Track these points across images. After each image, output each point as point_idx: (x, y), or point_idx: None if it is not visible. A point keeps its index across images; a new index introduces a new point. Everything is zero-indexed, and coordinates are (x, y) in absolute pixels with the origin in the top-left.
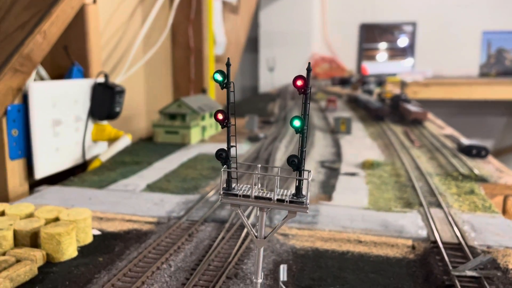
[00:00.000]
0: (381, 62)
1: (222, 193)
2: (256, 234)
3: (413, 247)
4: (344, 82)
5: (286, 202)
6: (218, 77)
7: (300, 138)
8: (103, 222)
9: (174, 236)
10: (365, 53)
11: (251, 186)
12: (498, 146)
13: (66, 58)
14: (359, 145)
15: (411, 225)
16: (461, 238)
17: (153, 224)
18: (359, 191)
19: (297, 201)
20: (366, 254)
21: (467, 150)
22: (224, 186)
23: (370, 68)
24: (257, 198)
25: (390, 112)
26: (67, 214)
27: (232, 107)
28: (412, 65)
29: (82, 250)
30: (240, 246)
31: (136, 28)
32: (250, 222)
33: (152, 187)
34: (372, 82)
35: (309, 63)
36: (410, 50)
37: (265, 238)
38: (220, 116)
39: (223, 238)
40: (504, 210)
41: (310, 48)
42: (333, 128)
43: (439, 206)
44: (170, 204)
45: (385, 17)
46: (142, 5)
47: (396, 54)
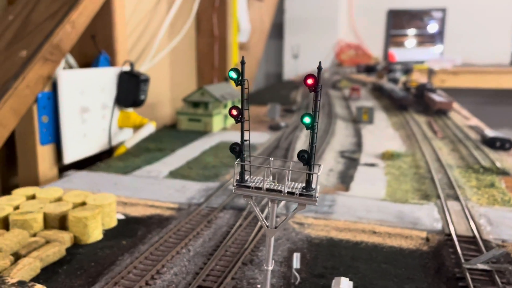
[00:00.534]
0: (409, 49)
1: (235, 185)
2: (267, 224)
3: (427, 239)
4: (369, 69)
5: (296, 194)
6: (233, 74)
7: (310, 134)
8: (127, 207)
9: (194, 222)
10: (392, 39)
11: (263, 179)
12: None
13: (94, 47)
14: (381, 135)
15: (427, 217)
16: (476, 232)
17: (174, 210)
18: (377, 182)
19: (306, 194)
20: (379, 245)
21: (491, 142)
22: (237, 178)
23: (397, 54)
24: (268, 190)
25: (415, 101)
26: (93, 199)
27: (246, 103)
28: (441, 52)
29: (107, 233)
30: (256, 234)
31: (161, 16)
32: (266, 212)
33: (174, 174)
34: (398, 70)
35: (319, 63)
36: (439, 37)
37: (275, 228)
38: (234, 111)
39: (240, 225)
40: None
41: (335, 34)
42: (355, 117)
43: (457, 198)
44: (191, 191)
45: (413, 2)
46: None
47: (424, 40)
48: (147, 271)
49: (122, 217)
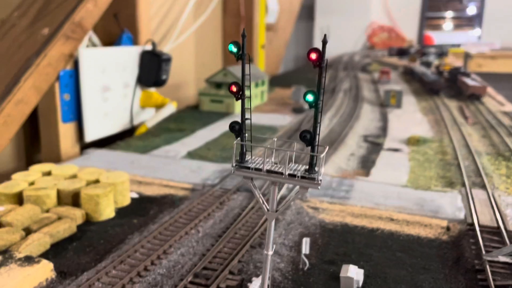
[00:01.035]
0: (445, 32)
1: (235, 165)
2: (267, 207)
3: (447, 229)
4: (401, 52)
5: (298, 177)
6: (233, 48)
7: (314, 112)
8: (142, 186)
9: (206, 203)
10: (428, 22)
11: (263, 160)
12: None
13: (117, 26)
14: (408, 120)
15: (449, 205)
16: (500, 222)
17: (188, 190)
18: (400, 168)
19: (309, 176)
20: (396, 233)
21: None
22: (237, 158)
23: (433, 38)
24: (269, 172)
25: (447, 86)
26: (107, 177)
27: (247, 79)
28: (478, 36)
29: (120, 211)
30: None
31: None
32: (281, 194)
33: (192, 155)
34: (432, 53)
35: (324, 35)
36: (477, 20)
37: (276, 211)
38: (234, 87)
39: (253, 207)
40: None
41: (368, 16)
42: (382, 101)
43: (483, 187)
44: (206, 172)
45: None
46: None
47: (462, 23)
48: (154, 251)
49: (135, 195)
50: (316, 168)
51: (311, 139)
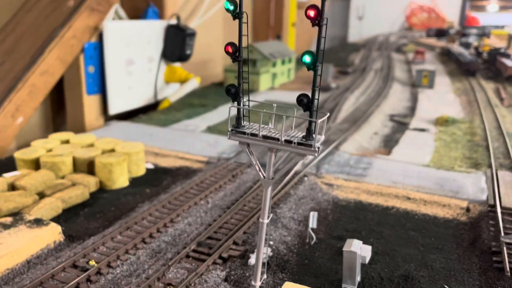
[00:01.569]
0: (490, 13)
1: (230, 130)
2: (264, 174)
3: (467, 209)
4: (440, 33)
5: (294, 143)
6: (229, 5)
7: (313, 76)
8: (158, 158)
9: (219, 175)
10: (472, 3)
11: (259, 125)
12: None
13: (143, 0)
14: (439, 100)
15: (472, 186)
16: None
17: (203, 163)
18: (424, 148)
19: (305, 143)
20: (412, 212)
21: None
22: (233, 123)
23: (477, 19)
24: (265, 137)
25: (484, 67)
26: (122, 146)
27: (244, 40)
28: None
29: (134, 181)
30: (279, 191)
31: None
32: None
33: (211, 129)
34: (473, 34)
35: None
36: None
37: (272, 179)
38: (230, 48)
39: None
40: None
41: None
42: (414, 81)
43: (511, 169)
44: (223, 146)
45: None
46: None
47: (508, 5)
48: (161, 219)
49: (151, 166)
50: (314, 135)
51: (308, 104)
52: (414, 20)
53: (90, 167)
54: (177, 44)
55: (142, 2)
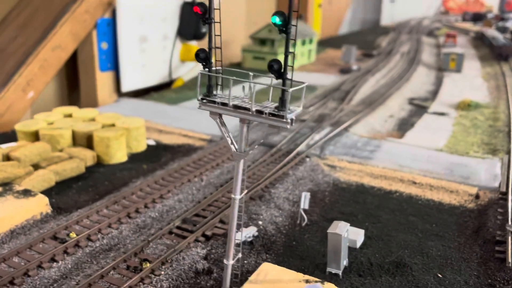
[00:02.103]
0: None
1: (200, 98)
2: (235, 147)
3: (476, 196)
4: (477, 18)
5: (266, 114)
6: None
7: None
8: (162, 134)
9: (218, 154)
10: None
11: (229, 93)
12: None
13: None
14: (465, 84)
15: (484, 172)
16: None
17: (205, 141)
18: (440, 132)
19: (277, 114)
20: (416, 197)
21: None
22: (204, 92)
23: None
24: (236, 107)
25: None
26: (123, 121)
27: (217, 2)
28: None
29: (133, 156)
30: (277, 171)
31: None
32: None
33: None
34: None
35: None
36: None
37: (244, 152)
38: (198, 9)
39: (264, 161)
40: None
41: None
42: (441, 64)
43: None
44: (229, 124)
45: None
46: None
47: None
48: (150, 195)
49: (153, 143)
50: (288, 105)
51: (280, 70)
52: (451, 4)
53: (89, 141)
54: (192, 22)
55: None
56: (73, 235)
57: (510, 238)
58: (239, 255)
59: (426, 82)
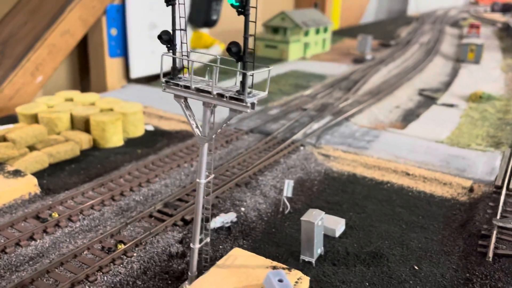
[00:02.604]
0: None
1: (164, 81)
2: (199, 132)
3: (470, 189)
4: (506, 8)
5: (226, 98)
6: None
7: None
8: (162, 120)
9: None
10: None
11: (190, 75)
12: None
13: None
14: (482, 76)
15: (483, 165)
16: None
17: None
18: (445, 124)
19: (238, 97)
20: (407, 188)
21: None
22: (170, 75)
23: None
24: (198, 90)
25: None
26: (121, 106)
27: None
28: None
29: (129, 141)
30: (267, 159)
31: None
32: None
33: None
34: None
35: None
36: None
37: (207, 136)
38: None
39: (257, 148)
40: None
41: None
42: (458, 55)
43: None
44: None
45: None
46: None
47: None
48: (137, 179)
49: (151, 128)
50: (247, 89)
51: (239, 53)
52: None
53: (87, 125)
54: (202, 8)
55: None
56: (55, 215)
57: (495, 232)
58: (207, 239)
59: (441, 73)
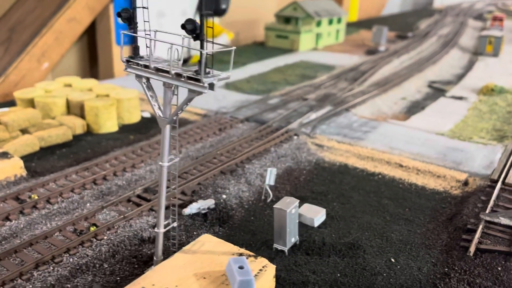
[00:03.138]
0: None
1: (125, 60)
2: (161, 113)
3: (465, 183)
4: None
5: (184, 77)
6: None
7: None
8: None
9: (206, 128)
10: None
11: (150, 55)
12: None
13: None
14: (498, 69)
15: (482, 158)
16: None
17: (200, 115)
18: (451, 116)
19: (195, 77)
20: (399, 180)
21: None
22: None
23: None
24: (157, 70)
25: None
26: (117, 92)
27: None
28: None
29: (124, 127)
30: (257, 147)
31: None
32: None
33: (228, 85)
34: None
35: None
36: None
37: (168, 117)
38: None
39: (249, 136)
40: None
41: None
42: (476, 48)
43: None
44: (228, 101)
45: None
46: None
47: None
48: (123, 163)
49: (147, 115)
50: (204, 69)
51: (195, 30)
52: None
53: (82, 111)
54: None
55: None
56: (34, 197)
57: (481, 226)
58: (174, 224)
59: (456, 65)
